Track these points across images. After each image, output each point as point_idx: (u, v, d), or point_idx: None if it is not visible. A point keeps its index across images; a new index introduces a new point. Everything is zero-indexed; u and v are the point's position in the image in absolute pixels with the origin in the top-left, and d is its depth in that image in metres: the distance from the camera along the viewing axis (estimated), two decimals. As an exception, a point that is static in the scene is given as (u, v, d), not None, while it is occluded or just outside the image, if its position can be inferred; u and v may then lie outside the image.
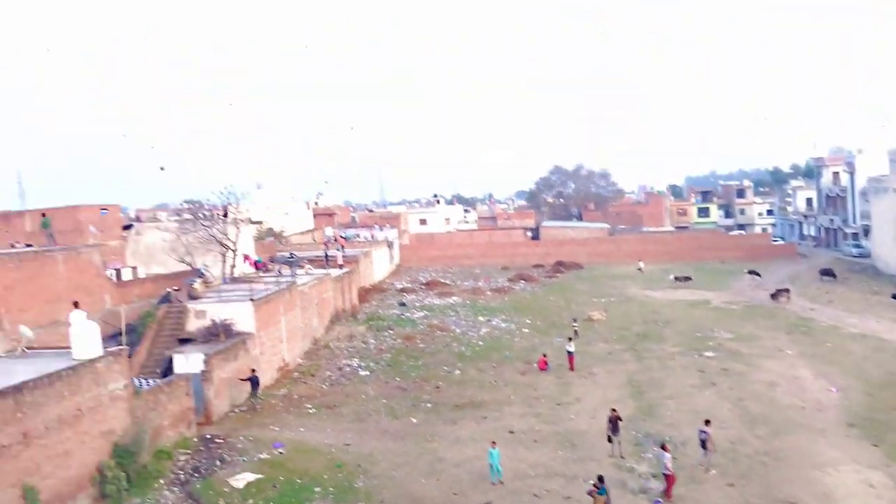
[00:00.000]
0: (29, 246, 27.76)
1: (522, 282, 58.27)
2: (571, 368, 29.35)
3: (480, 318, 41.12)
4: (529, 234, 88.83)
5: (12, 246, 30.60)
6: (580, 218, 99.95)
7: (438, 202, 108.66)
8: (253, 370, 24.87)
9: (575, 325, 36.95)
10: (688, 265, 66.71)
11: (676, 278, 57.16)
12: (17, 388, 14.83)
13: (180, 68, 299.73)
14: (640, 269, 64.58)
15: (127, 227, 38.75)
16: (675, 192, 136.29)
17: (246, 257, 41.38)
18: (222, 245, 37.36)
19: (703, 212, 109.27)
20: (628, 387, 26.55)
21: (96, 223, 32.63)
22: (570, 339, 31.67)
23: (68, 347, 19.20)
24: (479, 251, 77.29)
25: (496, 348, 33.74)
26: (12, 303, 21.66)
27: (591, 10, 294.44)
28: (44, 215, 28.20)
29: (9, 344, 20.85)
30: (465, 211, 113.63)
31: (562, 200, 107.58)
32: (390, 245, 70.64)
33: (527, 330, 38.19)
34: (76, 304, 21.24)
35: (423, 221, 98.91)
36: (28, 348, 20.63)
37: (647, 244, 75.65)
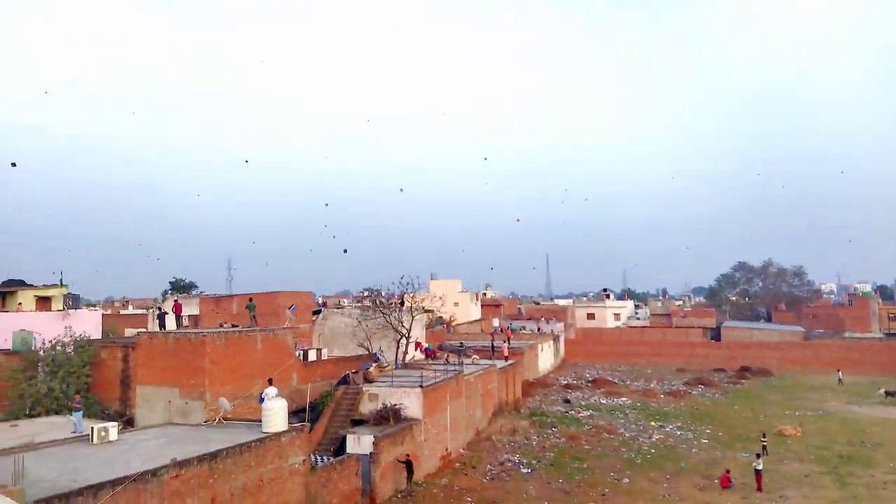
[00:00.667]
0: (234, 326, 31.42)
1: (701, 386, 54.60)
2: (759, 489, 26.21)
3: (652, 423, 38.70)
4: (709, 334, 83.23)
5: (221, 325, 34.92)
6: (769, 319, 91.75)
7: (608, 296, 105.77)
8: (407, 455, 25.32)
9: (764, 439, 33.30)
10: (904, 378, 57.70)
11: (888, 393, 49.70)
12: (212, 456, 16.43)
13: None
14: (839, 380, 57.04)
15: (316, 313, 42.39)
16: (885, 293, 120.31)
17: (417, 344, 43.16)
18: (397, 332, 39.42)
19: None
20: (830, 517, 22.99)
21: (293, 306, 36.16)
22: (757, 455, 28.57)
23: (259, 420, 21.12)
24: (652, 350, 73.59)
25: (670, 458, 31.22)
26: (215, 376, 24.41)
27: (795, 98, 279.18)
28: (251, 300, 31.81)
29: (209, 413, 23.41)
30: (637, 307, 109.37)
31: (747, 299, 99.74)
32: (556, 339, 69.75)
33: (706, 441, 35.03)
34: (270, 381, 23.51)
35: (590, 316, 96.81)
36: (224, 418, 23.00)
37: (850, 352, 67.02)
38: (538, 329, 71.59)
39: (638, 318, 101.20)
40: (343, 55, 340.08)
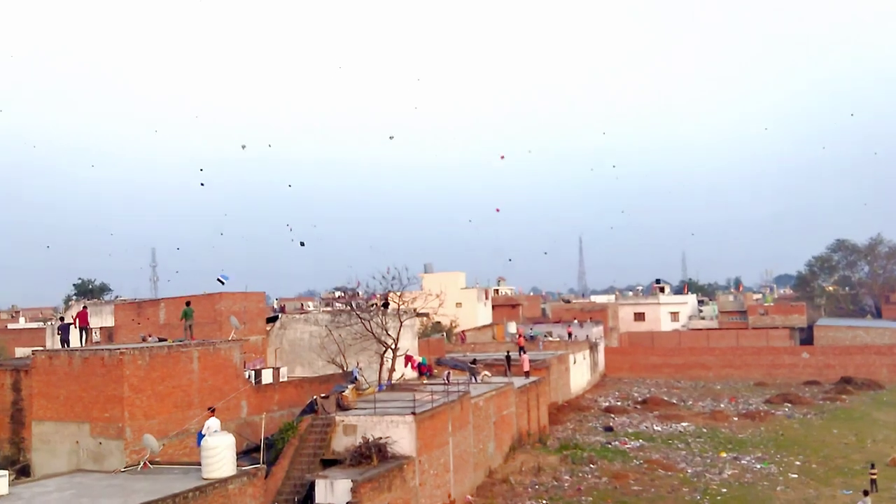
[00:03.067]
0: (162, 340, 31.48)
1: (788, 404, 55.03)
2: (866, 537, 26.43)
3: (723, 455, 39.02)
4: (797, 336, 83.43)
5: (144, 339, 35.04)
6: (878, 315, 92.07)
7: (662, 290, 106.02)
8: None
9: (873, 472, 33.51)
10: None
11: None
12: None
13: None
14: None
15: (271, 320, 42.49)
16: None
17: (408, 358, 43.27)
18: (380, 343, 39.57)
19: None
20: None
21: (236, 314, 36.28)
22: (865, 492, 28.87)
23: (197, 463, 21.25)
24: (722, 359, 73.93)
25: (748, 500, 31.49)
26: (138, 406, 24.54)
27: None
28: (188, 304, 31.87)
29: (130, 457, 23.52)
30: (701, 302, 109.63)
31: (848, 289, 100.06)
32: (593, 347, 70.04)
33: (795, 475, 35.32)
34: (212, 411, 23.62)
35: (638, 316, 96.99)
36: (151, 462, 23.13)
37: None
38: (569, 335, 71.95)
39: (703, 318, 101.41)
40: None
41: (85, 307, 36.31)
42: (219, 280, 37.70)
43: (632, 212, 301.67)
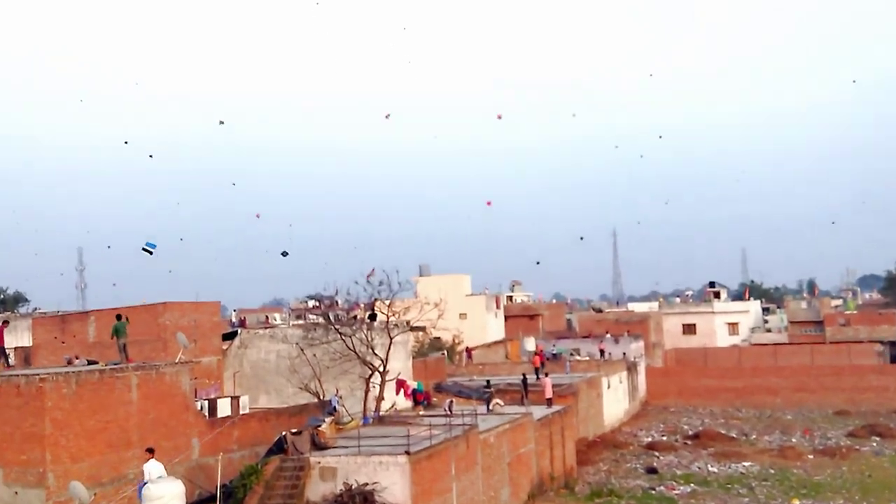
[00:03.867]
0: (92, 363, 31.27)
1: (876, 438, 55.17)
2: None
3: (796, 502, 38.89)
4: (887, 352, 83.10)
5: (70, 361, 34.85)
6: None
7: (717, 295, 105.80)
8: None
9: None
10: None
11: None
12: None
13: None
14: None
15: (228, 337, 42.35)
16: None
17: (400, 384, 43.16)
18: (365, 364, 39.52)
19: None
20: None
21: (184, 329, 36.18)
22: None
23: (137, 517, 21.13)
24: (793, 381, 73.88)
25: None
26: (63, 446, 24.39)
27: None
28: (119, 317, 31.63)
29: (56, 508, 23.43)
30: (766, 310, 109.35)
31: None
32: (632, 368, 69.97)
33: (885, 527, 35.23)
34: (151, 452, 23.48)
35: (688, 328, 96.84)
36: (82, 516, 23.00)
37: None
38: (601, 353, 71.79)
39: (768, 330, 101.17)
40: None
41: (6, 322, 36.10)
42: (144, 249, 37.54)
43: (677, 201, 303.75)
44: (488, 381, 49.76)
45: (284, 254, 54.43)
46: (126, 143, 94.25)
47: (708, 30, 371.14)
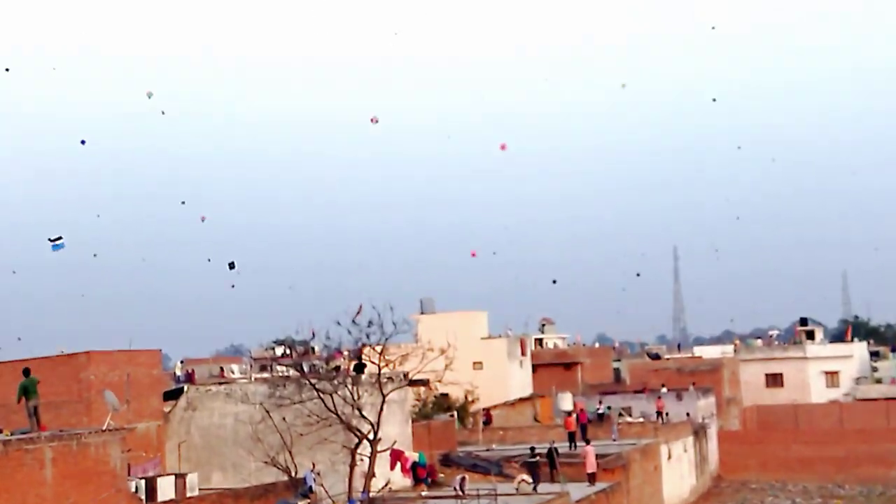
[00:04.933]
0: (-6, 430, 31.14)
1: None
2: None
3: None
4: None
5: (-35, 429, 34.72)
6: None
7: (811, 335, 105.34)
8: None
9: None
10: None
11: None
12: None
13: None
14: None
15: (171, 395, 42.13)
16: None
17: (396, 456, 42.81)
18: (350, 430, 39.21)
19: None
20: None
21: (114, 386, 35.99)
22: None
23: None
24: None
25: None
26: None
27: None
28: (28, 372, 31.42)
29: None
30: (874, 355, 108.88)
31: None
32: (700, 432, 69.55)
33: None
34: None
35: (773, 379, 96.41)
36: None
37: None
38: (659, 413, 71.23)
39: (878, 380, 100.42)
40: None
41: None
42: (51, 241, 37.37)
43: (754, 217, 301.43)
44: (533, 449, 48.90)
45: (231, 265, 53.38)
46: (83, 142, 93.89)
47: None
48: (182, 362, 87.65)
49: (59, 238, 38.03)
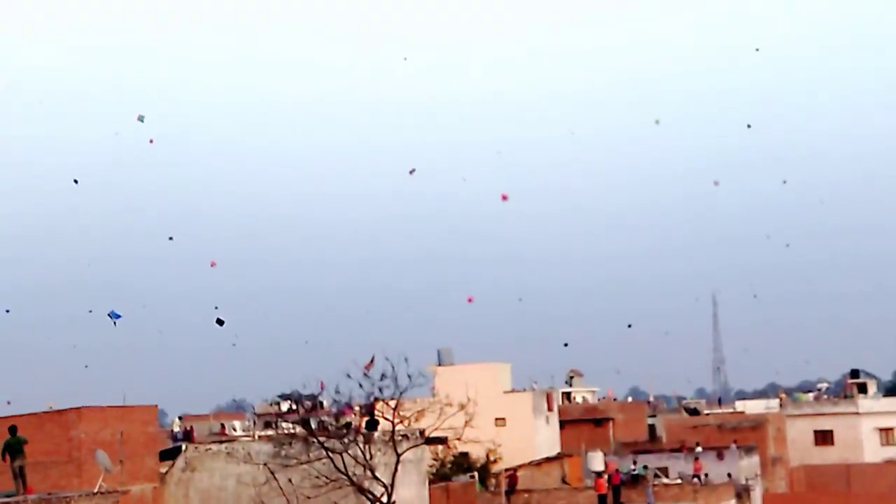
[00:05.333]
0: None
1: None
2: None
3: None
4: None
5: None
6: None
7: (863, 388, 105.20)
8: None
9: None
10: None
11: None
12: None
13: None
14: None
15: (168, 455, 42.44)
16: None
17: (411, 521, 43.05)
18: (362, 493, 39.48)
19: None
20: None
21: (107, 445, 36.42)
22: None
23: None
24: None
25: None
26: None
27: None
28: (14, 430, 31.79)
29: None
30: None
31: None
32: (743, 494, 69.38)
33: None
34: None
35: (822, 436, 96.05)
36: None
37: None
38: (697, 473, 71.05)
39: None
40: None
41: None
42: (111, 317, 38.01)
43: (800, 248, 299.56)
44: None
45: (220, 322, 53.46)
46: (76, 181, 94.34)
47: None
48: (180, 418, 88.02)
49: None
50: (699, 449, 76.72)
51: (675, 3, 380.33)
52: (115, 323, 39.33)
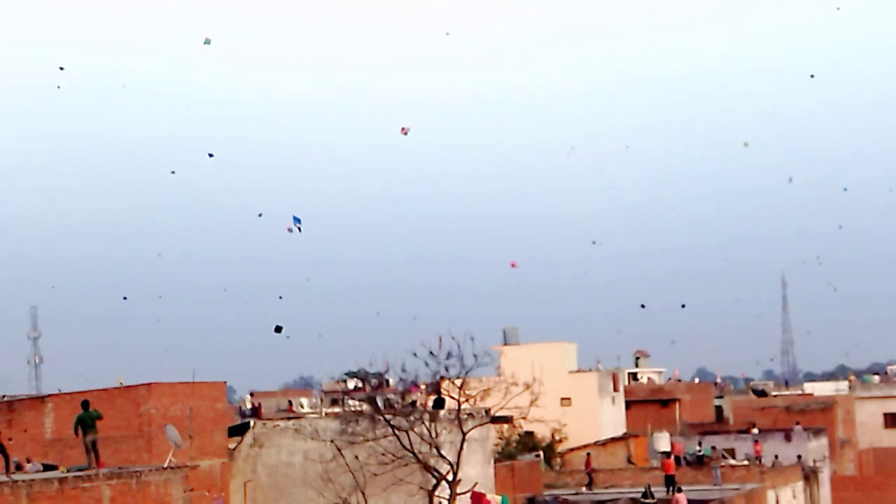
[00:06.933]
0: (49, 468, 31.71)
1: None
2: None
3: None
4: None
5: (19, 467, 35.32)
6: None
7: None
8: None
9: None
10: None
11: None
12: None
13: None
14: None
15: (237, 431, 42.56)
16: None
17: (477, 498, 42.74)
18: (428, 470, 39.40)
19: None
20: None
21: (176, 420, 36.55)
22: None
23: None
24: None
25: None
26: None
27: None
28: (87, 405, 31.81)
29: None
30: None
31: None
32: (811, 476, 68.69)
33: None
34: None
35: (891, 419, 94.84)
36: None
37: None
38: (759, 455, 70.22)
39: None
40: None
41: None
42: (293, 228, 38.68)
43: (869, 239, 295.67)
44: (648, 487, 48.31)
45: (278, 329, 53.17)
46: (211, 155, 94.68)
47: None
48: (249, 395, 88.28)
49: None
50: (755, 431, 76.12)
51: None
52: (299, 229, 39.66)
